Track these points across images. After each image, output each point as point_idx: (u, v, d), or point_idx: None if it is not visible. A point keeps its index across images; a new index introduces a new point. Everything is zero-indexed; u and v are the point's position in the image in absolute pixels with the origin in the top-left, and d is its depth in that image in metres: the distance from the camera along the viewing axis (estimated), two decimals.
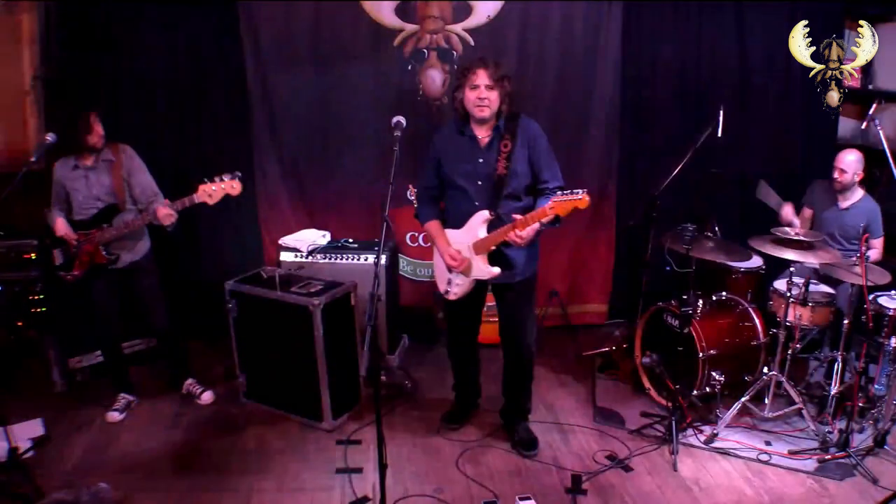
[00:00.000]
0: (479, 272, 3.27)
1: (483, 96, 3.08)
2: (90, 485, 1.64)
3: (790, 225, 4.18)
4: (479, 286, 3.39)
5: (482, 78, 3.07)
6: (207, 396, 3.95)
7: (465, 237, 3.27)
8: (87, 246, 3.58)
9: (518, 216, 3.07)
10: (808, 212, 4.33)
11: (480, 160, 3.19)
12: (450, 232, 3.33)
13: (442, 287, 3.43)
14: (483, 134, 3.20)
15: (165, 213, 3.42)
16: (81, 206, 3.61)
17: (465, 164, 3.21)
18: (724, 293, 4.09)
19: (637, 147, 4.89)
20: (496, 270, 3.23)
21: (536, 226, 3.04)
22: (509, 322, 3.43)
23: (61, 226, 3.58)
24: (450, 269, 3.36)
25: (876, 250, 3.99)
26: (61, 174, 3.61)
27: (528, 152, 3.20)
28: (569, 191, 2.92)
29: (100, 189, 3.59)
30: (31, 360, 4.23)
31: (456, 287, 3.38)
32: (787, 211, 4.29)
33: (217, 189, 3.38)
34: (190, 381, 4.02)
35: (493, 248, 3.21)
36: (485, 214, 3.19)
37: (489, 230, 3.20)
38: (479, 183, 3.20)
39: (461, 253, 3.27)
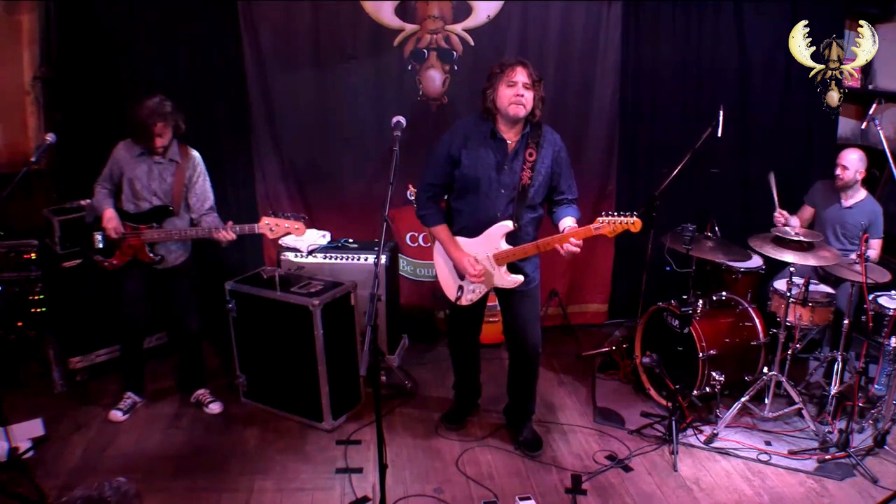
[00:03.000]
0: (501, 282, 3.25)
1: (521, 93, 3.01)
2: (110, 480, 1.64)
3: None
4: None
5: (521, 75, 3.02)
6: (216, 407, 3.89)
7: (483, 247, 3.21)
8: (134, 240, 3.53)
9: (571, 225, 3.06)
10: (808, 210, 4.33)
11: (506, 168, 3.12)
12: (463, 241, 3.25)
13: (452, 294, 3.36)
14: (512, 138, 3.14)
15: (227, 237, 3.41)
16: (137, 196, 3.53)
17: (492, 170, 3.12)
18: (724, 293, 4.09)
19: (637, 147, 4.89)
20: (520, 278, 3.22)
21: (581, 243, 3.01)
22: (521, 325, 3.38)
23: (110, 217, 3.49)
24: (462, 276, 3.30)
25: (874, 251, 3.99)
26: (124, 156, 3.52)
27: (551, 164, 3.18)
28: (616, 213, 2.93)
29: (160, 185, 3.53)
30: (31, 360, 4.23)
31: (470, 294, 3.33)
32: (778, 217, 4.24)
33: (281, 225, 3.37)
34: (202, 391, 3.95)
35: (515, 259, 3.19)
36: (508, 226, 3.14)
37: (508, 241, 3.17)
38: (503, 192, 3.14)
39: (479, 262, 3.21)
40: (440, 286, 3.46)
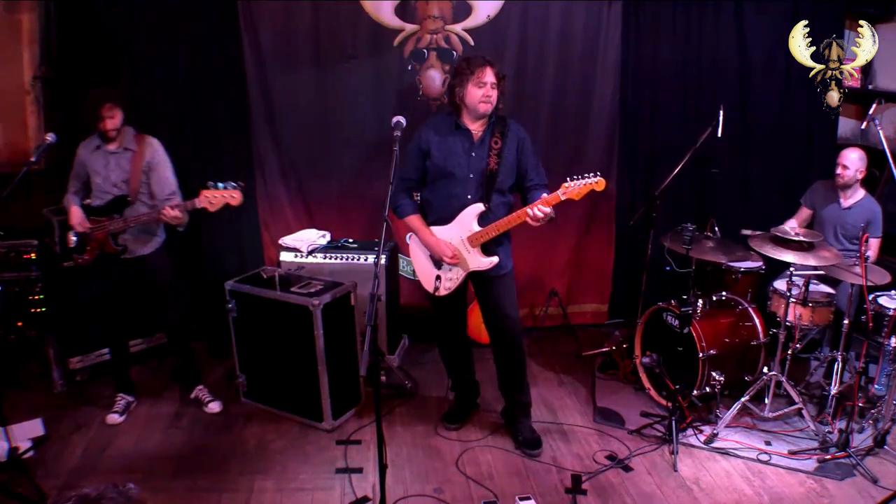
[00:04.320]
0: (476, 264, 3.31)
1: (489, 94, 3.18)
2: (116, 483, 1.63)
3: None
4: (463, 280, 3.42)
5: (489, 76, 3.18)
6: (215, 406, 3.90)
7: (456, 231, 3.30)
8: (98, 234, 3.56)
9: (544, 195, 3.14)
10: (806, 212, 4.33)
11: (473, 154, 3.26)
12: (437, 229, 3.35)
13: (430, 285, 3.43)
14: (476, 129, 3.28)
15: (173, 215, 3.41)
16: (99, 190, 3.59)
17: (459, 157, 3.27)
18: (724, 293, 4.09)
19: (637, 147, 4.89)
20: (495, 259, 3.29)
21: (549, 210, 3.08)
22: (498, 307, 3.44)
23: (75, 214, 3.57)
24: (438, 266, 3.38)
25: (871, 251, 3.99)
26: (83, 153, 3.60)
27: (516, 152, 3.31)
28: (578, 176, 3.04)
29: (117, 176, 3.56)
30: (31, 360, 4.23)
31: (448, 282, 3.39)
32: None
33: (218, 196, 3.38)
34: (200, 387, 3.97)
35: (489, 239, 3.26)
36: (479, 208, 3.25)
37: (480, 224, 3.25)
38: (472, 176, 3.26)
39: (453, 244, 3.31)
40: (419, 281, 3.52)
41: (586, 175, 3.05)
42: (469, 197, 3.27)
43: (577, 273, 5.08)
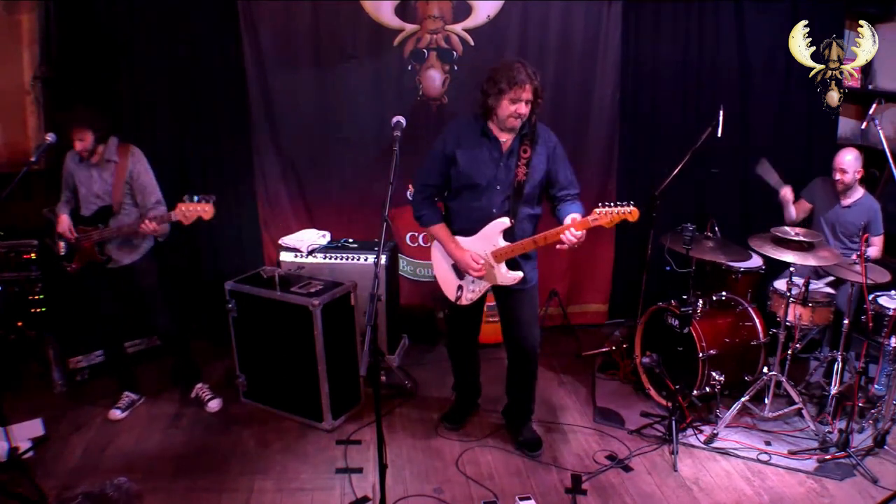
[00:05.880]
0: (501, 279, 3.23)
1: (522, 112, 3.04)
2: (111, 479, 1.67)
3: (787, 206, 4.22)
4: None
5: (528, 94, 3.02)
6: (215, 404, 3.91)
7: (480, 245, 3.19)
8: (85, 243, 3.59)
9: (575, 216, 3.02)
10: (805, 205, 4.33)
11: (502, 165, 3.14)
12: (461, 240, 3.24)
13: (451, 294, 3.34)
14: (505, 138, 3.16)
15: (152, 227, 3.39)
16: (85, 200, 3.61)
17: (486, 167, 3.13)
18: (724, 293, 4.09)
19: (637, 147, 4.89)
20: (519, 274, 3.20)
21: (582, 234, 2.97)
22: (519, 325, 3.37)
23: (63, 222, 3.59)
24: (460, 276, 3.31)
25: (875, 248, 4.00)
26: (70, 164, 3.63)
27: (546, 160, 3.18)
28: (611, 203, 2.92)
29: (100, 187, 3.58)
30: (31, 360, 4.23)
31: (470, 293, 3.32)
32: (787, 192, 4.25)
33: (192, 210, 3.33)
34: (200, 385, 3.98)
35: (514, 256, 3.18)
36: (505, 223, 3.13)
37: (505, 238, 3.16)
38: (498, 188, 3.15)
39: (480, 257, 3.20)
40: (439, 287, 3.45)
41: (619, 203, 2.91)
42: (494, 210, 3.14)
43: (577, 273, 5.08)
